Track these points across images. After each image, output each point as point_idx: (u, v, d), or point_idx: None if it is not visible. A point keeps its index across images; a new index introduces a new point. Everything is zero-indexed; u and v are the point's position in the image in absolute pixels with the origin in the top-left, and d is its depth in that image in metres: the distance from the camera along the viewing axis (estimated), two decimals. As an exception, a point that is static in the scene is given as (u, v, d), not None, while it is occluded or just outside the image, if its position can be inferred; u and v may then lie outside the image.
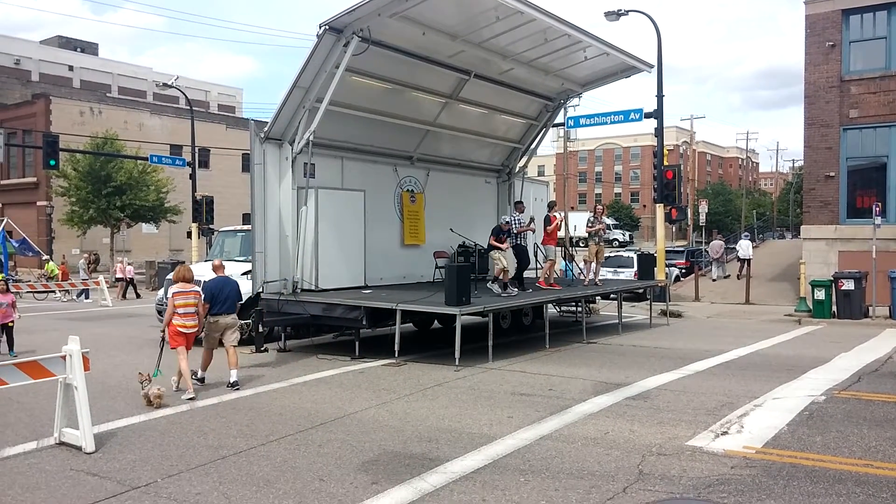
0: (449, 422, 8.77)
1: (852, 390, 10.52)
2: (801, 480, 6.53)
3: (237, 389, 10.68)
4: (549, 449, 7.61)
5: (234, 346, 11.14)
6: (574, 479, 6.62)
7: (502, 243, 15.40)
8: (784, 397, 10.04)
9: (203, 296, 10.78)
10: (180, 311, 10.35)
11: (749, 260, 30.38)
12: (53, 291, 28.78)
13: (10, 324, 14.01)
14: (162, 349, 11.02)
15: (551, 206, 18.81)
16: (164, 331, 10.68)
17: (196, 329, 10.64)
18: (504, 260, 15.25)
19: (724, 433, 8.17)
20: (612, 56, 18.14)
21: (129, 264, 31.81)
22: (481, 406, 9.64)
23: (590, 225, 18.74)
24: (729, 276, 32.16)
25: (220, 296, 11.01)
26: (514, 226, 16.35)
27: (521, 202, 18.13)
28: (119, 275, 31.64)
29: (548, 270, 17.54)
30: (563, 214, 45.90)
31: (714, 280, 31.61)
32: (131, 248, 43.61)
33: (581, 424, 8.63)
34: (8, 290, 14.14)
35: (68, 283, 27.91)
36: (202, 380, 11.16)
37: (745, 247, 31.66)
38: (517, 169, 22.21)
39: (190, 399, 9.97)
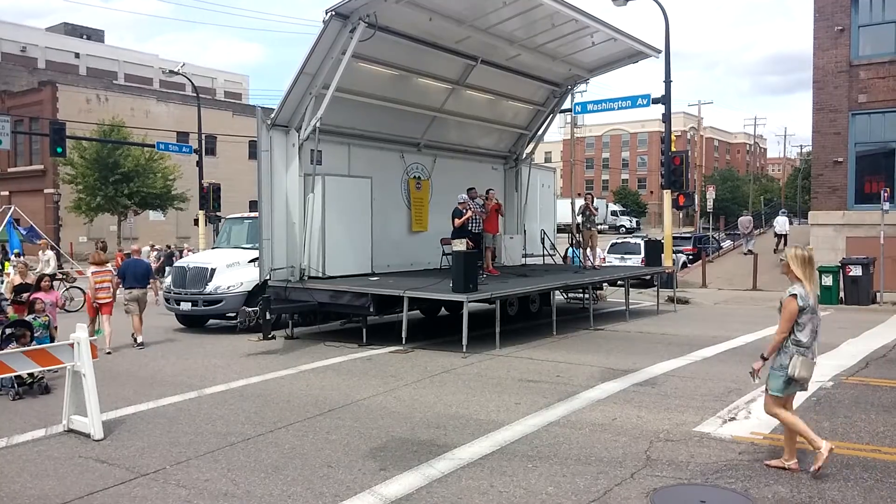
0: (457, 408, 8.78)
1: (860, 376, 10.50)
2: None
3: (142, 348, 13.31)
4: (556, 435, 7.62)
5: (139, 315, 13.71)
6: (582, 465, 6.63)
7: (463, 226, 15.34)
8: (792, 383, 10.01)
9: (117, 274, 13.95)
10: (97, 286, 13.30)
11: (786, 235, 32.04)
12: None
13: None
14: (96, 316, 13.49)
15: (488, 191, 18.21)
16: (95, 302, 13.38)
17: (110, 300, 13.48)
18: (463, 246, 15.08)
19: (732, 419, 8.17)
20: (619, 41, 18.04)
21: (155, 249, 31.70)
22: (489, 393, 9.66)
23: (580, 213, 18.92)
24: (756, 253, 32.27)
25: (129, 274, 13.78)
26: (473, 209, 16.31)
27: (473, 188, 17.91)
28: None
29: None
30: (570, 201, 45.83)
31: (745, 254, 32.59)
32: (138, 235, 43.66)
33: (588, 411, 8.63)
34: (52, 288, 12.51)
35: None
36: (141, 344, 13.47)
37: (782, 223, 33.64)
38: (524, 155, 22.15)
39: (107, 354, 12.40)
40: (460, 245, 14.26)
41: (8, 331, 10.07)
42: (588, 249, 19.44)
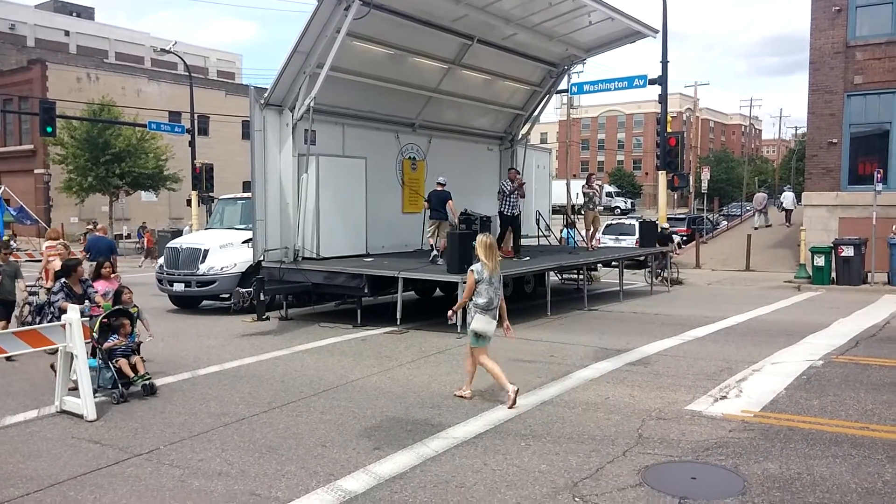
0: (451, 388, 8.81)
1: (850, 355, 10.57)
2: (798, 443, 6.59)
3: None
4: (550, 414, 7.66)
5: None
6: (575, 444, 6.68)
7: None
8: (782, 362, 10.09)
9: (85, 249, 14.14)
10: (48, 258, 13.30)
11: (792, 210, 33.72)
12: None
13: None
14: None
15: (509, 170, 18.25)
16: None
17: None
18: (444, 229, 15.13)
19: (723, 398, 8.23)
20: (616, 21, 17.94)
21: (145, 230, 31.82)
22: (483, 372, 9.67)
23: (584, 192, 18.92)
24: (770, 224, 34.57)
25: (94, 249, 14.01)
26: (505, 194, 16.35)
27: (513, 168, 17.99)
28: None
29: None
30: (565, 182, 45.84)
31: (756, 228, 33.42)
32: (130, 216, 43.59)
33: (582, 390, 8.68)
34: (114, 275, 10.64)
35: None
36: None
37: (788, 199, 35.36)
38: (520, 136, 22.06)
39: None
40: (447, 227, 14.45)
41: (105, 321, 8.85)
42: (589, 230, 19.44)
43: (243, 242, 15.68)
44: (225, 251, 15.79)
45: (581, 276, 18.05)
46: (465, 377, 8.59)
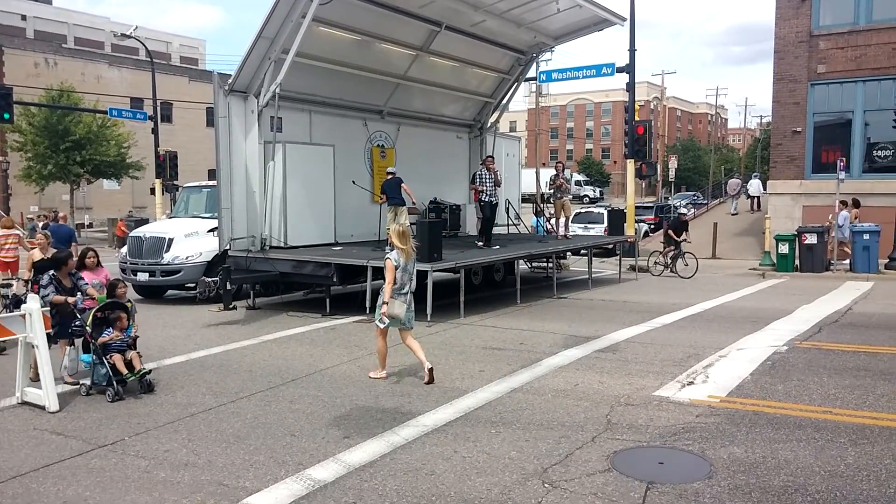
0: (421, 376, 8.79)
1: (813, 341, 10.74)
2: (763, 427, 6.67)
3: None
4: (519, 401, 7.68)
5: None
6: (544, 430, 6.70)
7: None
8: (748, 348, 10.22)
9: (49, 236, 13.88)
10: (4, 248, 13.84)
11: (759, 197, 34.38)
12: None
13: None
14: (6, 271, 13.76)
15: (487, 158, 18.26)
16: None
17: (14, 259, 14.03)
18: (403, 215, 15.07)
19: (690, 383, 8.31)
20: (584, 8, 17.95)
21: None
22: (453, 360, 9.69)
23: (551, 182, 18.97)
24: (737, 213, 35.41)
25: (54, 236, 14.32)
26: (485, 182, 16.32)
27: (491, 156, 17.96)
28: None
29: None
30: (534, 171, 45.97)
31: (730, 214, 34.97)
32: (92, 204, 42.80)
33: (551, 377, 8.71)
34: (100, 265, 9.81)
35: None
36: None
37: (755, 185, 36.04)
38: (489, 124, 22.04)
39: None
40: (406, 213, 14.43)
41: (99, 314, 8.45)
42: (560, 219, 19.50)
43: (209, 231, 15.48)
44: (190, 240, 15.58)
45: (550, 265, 18.12)
46: (378, 359, 8.97)
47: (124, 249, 16.71)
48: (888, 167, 22.65)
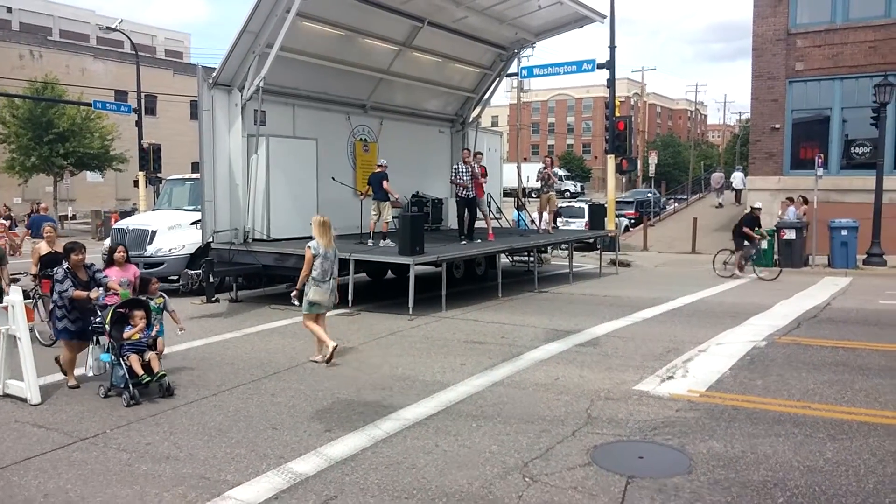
0: (402, 370, 8.84)
1: (792, 336, 10.87)
2: (742, 422, 6.77)
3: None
4: (500, 395, 7.73)
5: None
6: (525, 424, 6.76)
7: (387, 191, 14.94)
8: (727, 343, 10.34)
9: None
10: None
11: (742, 190, 34.59)
12: None
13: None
14: None
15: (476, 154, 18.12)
16: None
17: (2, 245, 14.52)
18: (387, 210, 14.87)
19: (670, 378, 8.40)
20: (565, 5, 18.04)
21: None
22: (434, 354, 9.73)
23: (540, 176, 19.00)
24: (723, 206, 36.32)
25: (36, 226, 15.51)
26: (462, 176, 16.08)
27: (479, 152, 17.94)
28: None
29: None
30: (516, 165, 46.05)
31: (715, 207, 36.07)
32: (76, 197, 42.49)
33: (532, 371, 8.77)
34: (128, 261, 9.22)
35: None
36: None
37: (738, 178, 36.58)
38: (471, 119, 22.08)
39: None
40: (389, 208, 14.41)
41: (121, 311, 7.94)
42: (546, 213, 19.53)
43: (192, 224, 15.43)
44: (173, 232, 15.52)
45: (532, 259, 18.20)
46: (314, 345, 9.40)
47: (107, 241, 16.59)
48: (866, 164, 22.90)
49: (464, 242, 15.78)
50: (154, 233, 15.44)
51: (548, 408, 7.27)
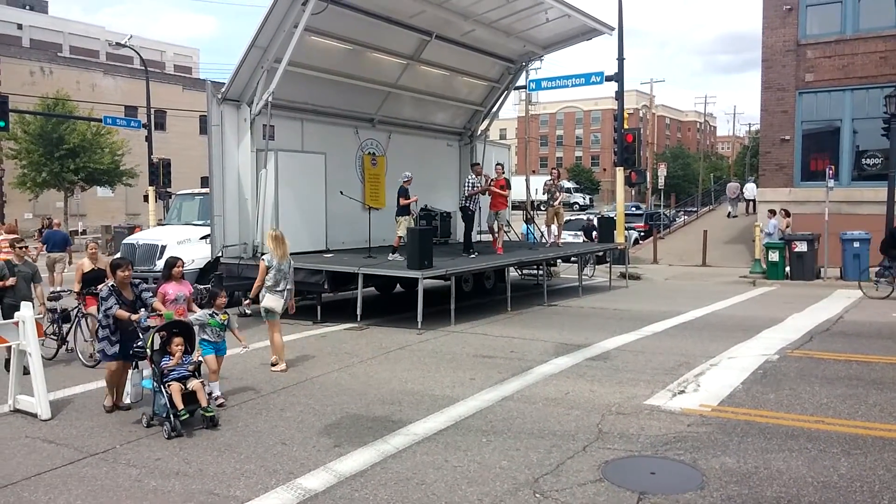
0: (411, 384, 8.80)
1: (804, 349, 10.78)
2: (755, 437, 6.70)
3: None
4: (510, 410, 7.69)
5: (62, 273, 17.44)
6: (535, 439, 6.71)
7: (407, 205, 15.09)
8: (739, 356, 10.26)
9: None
10: (3, 250, 14.73)
11: (755, 200, 34.34)
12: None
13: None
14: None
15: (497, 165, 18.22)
16: None
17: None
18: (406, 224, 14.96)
19: (681, 392, 8.34)
20: (573, 18, 18.07)
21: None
22: (444, 368, 9.70)
23: (546, 188, 18.99)
24: (737, 216, 36.67)
25: (50, 241, 17.99)
26: (467, 188, 16.29)
27: (500, 163, 17.97)
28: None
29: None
30: (524, 178, 46.04)
31: (729, 217, 36.48)
32: (86, 212, 42.68)
33: (542, 385, 8.73)
34: (183, 278, 8.97)
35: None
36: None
37: (751, 189, 36.81)
38: (479, 132, 22.13)
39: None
40: (405, 223, 14.37)
41: (163, 334, 7.38)
42: (553, 226, 19.52)
43: (201, 238, 15.47)
44: (182, 247, 15.53)
45: (541, 272, 18.15)
46: (276, 352, 9.86)
47: (116, 256, 16.67)
48: (877, 175, 22.76)
49: (474, 255, 15.76)
50: (164, 247, 15.49)
51: (558, 423, 7.22)
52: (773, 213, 22.20)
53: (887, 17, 23.00)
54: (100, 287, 9.04)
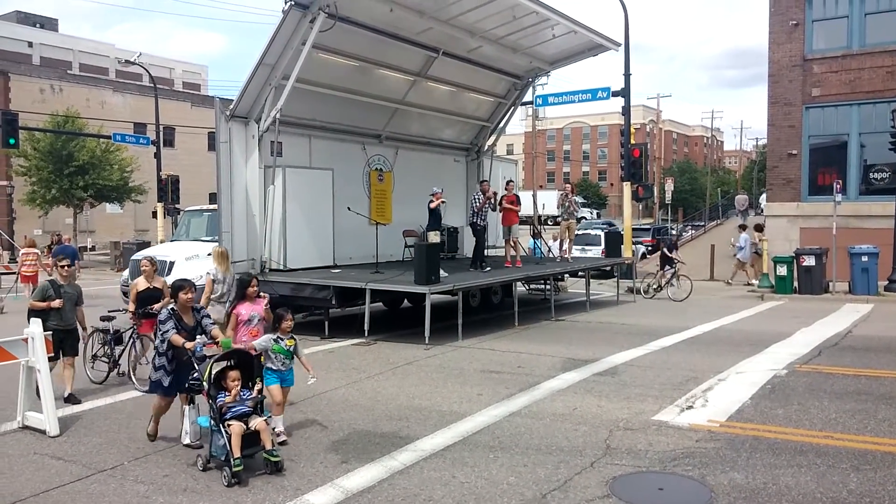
0: (419, 400, 8.80)
1: (813, 364, 10.74)
2: (763, 452, 6.67)
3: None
4: (518, 425, 7.68)
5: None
6: (543, 455, 6.70)
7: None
8: (747, 371, 10.23)
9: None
10: (23, 263, 18.84)
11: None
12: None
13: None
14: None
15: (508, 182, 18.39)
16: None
17: (33, 274, 18.77)
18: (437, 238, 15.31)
19: (690, 407, 8.31)
20: (579, 34, 18.16)
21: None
22: (451, 384, 9.69)
23: (560, 202, 19.06)
24: (746, 226, 35.90)
25: (61, 255, 17.61)
26: (475, 204, 16.38)
27: (510, 180, 18.04)
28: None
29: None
30: (532, 192, 46.10)
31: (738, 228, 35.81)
32: (95, 228, 42.88)
33: (550, 401, 8.71)
34: (259, 295, 8.10)
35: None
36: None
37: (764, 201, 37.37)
38: (486, 147, 22.19)
39: None
40: (435, 237, 14.45)
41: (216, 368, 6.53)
42: (564, 240, 19.54)
43: (209, 254, 15.50)
44: (191, 263, 15.59)
45: (548, 287, 18.14)
46: None
47: (126, 273, 16.73)
48: (885, 189, 22.70)
49: (487, 269, 15.76)
50: (172, 263, 15.54)
51: (566, 438, 7.20)
52: (743, 227, 22.98)
53: (894, 32, 23.03)
54: (156, 307, 9.41)
